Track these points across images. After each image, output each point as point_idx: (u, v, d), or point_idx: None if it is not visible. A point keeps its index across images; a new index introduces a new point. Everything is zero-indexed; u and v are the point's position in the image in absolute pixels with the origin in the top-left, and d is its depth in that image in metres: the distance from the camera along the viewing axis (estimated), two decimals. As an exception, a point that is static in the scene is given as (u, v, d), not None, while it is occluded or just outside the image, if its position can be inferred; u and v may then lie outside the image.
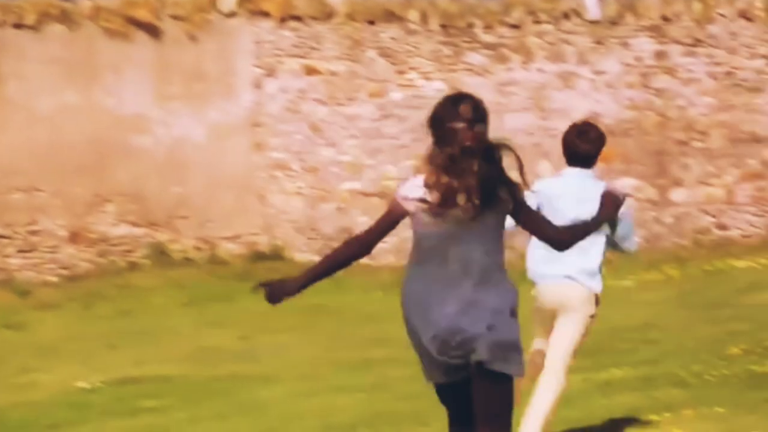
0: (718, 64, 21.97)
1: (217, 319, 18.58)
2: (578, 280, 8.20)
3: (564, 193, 7.77)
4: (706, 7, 21.75)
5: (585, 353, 14.29)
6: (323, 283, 6.79)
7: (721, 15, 21.79)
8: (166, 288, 20.34)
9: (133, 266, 21.21)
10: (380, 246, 6.65)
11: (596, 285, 8.31)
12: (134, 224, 21.43)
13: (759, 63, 22.03)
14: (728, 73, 22.03)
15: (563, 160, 9.15)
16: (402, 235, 22.50)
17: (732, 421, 9.40)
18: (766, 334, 13.72)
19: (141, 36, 21.27)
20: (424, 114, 6.63)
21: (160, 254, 21.38)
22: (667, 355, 13.50)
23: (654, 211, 22.28)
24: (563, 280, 8.16)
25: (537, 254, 8.13)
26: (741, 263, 20.11)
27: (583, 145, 8.54)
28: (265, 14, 21.56)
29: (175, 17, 21.30)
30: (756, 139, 22.34)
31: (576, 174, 8.51)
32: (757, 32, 21.92)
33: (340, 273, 6.76)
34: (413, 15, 21.32)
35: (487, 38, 21.33)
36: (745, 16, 21.85)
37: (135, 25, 21.20)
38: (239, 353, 16.35)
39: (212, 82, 21.56)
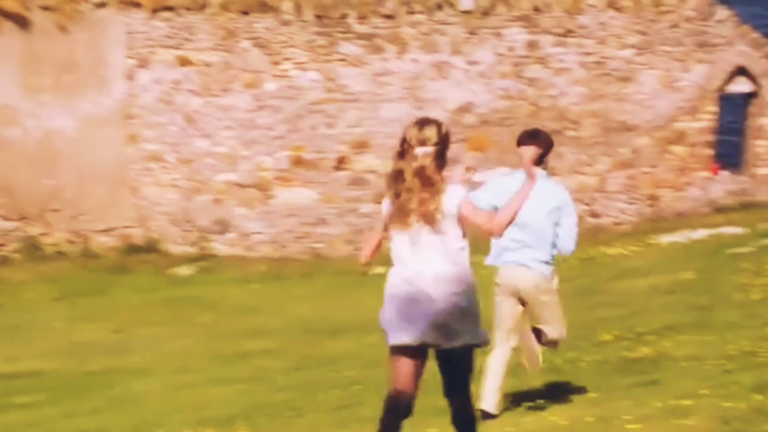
0: (588, 54, 22.27)
1: (90, 312, 18.34)
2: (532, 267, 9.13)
3: (514, 190, 7.67)
4: (576, -3, 22.07)
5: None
6: (198, 275, 6.73)
7: (591, 5, 22.09)
8: (38, 282, 20.02)
9: (3, 260, 20.84)
10: (257, 237, 6.62)
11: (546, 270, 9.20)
12: (5, 218, 21.06)
13: (628, 53, 22.38)
14: (598, 63, 22.35)
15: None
16: (279, 227, 22.37)
17: (605, 405, 9.51)
18: (637, 320, 13.96)
19: (9, 27, 20.87)
20: (298, 104, 6.62)
21: (31, 248, 21.04)
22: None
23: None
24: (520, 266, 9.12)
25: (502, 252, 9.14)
26: (613, 250, 20.42)
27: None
28: (137, 4, 21.29)
29: (45, 8, 20.95)
30: (627, 128, 22.71)
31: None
32: (625, 22, 22.26)
33: (213, 264, 6.73)
34: (287, 5, 21.24)
35: (362, 29, 21.34)
36: (613, 6, 22.17)
37: (3, 16, 20.79)
38: (113, 347, 16.15)
39: (83, 73, 21.25)
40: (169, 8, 21.30)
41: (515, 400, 10.45)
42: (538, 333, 9.32)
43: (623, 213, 23.00)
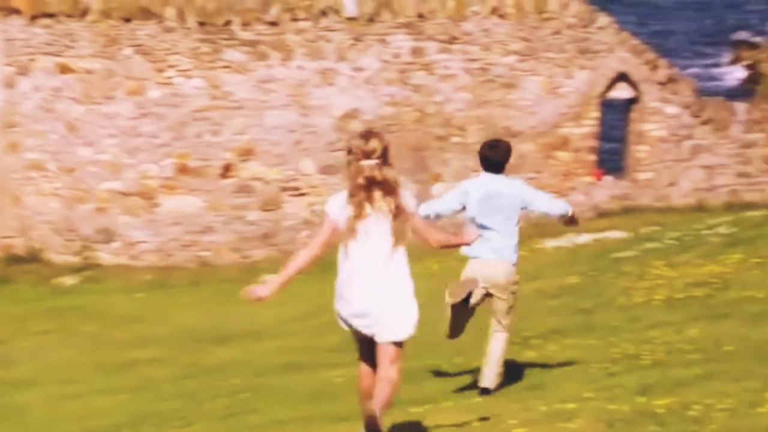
0: (473, 60, 22.42)
1: (-29, 324, 17.97)
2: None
3: (486, 194, 10.03)
4: (459, 4, 22.17)
5: (346, 348, 14.44)
6: (83, 285, 6.66)
7: (475, 12, 22.25)
8: None
9: None
10: (142, 246, 6.60)
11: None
12: None
13: (512, 59, 22.59)
14: (483, 69, 22.52)
15: (325, 155, 9.36)
16: (165, 235, 22.09)
17: (491, 409, 9.58)
18: (523, 324, 14.05)
19: None
20: (183, 111, 6.60)
21: None
22: (429, 348, 13.67)
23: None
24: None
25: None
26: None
27: (494, 155, 10.29)
28: (16, 11, 20.94)
29: None
30: (511, 134, 22.87)
31: (489, 177, 10.30)
32: (509, 29, 22.46)
33: (98, 274, 6.67)
34: (170, 12, 21.03)
35: (246, 35, 21.22)
36: (497, 13, 22.37)
37: None
38: (-5, 358, 15.86)
39: (-39, 81, 20.83)
40: (49, 15, 20.98)
41: (402, 404, 10.47)
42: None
43: (509, 218, 23.16)
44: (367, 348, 8.06)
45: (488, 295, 10.35)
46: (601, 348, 11.92)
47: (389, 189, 7.72)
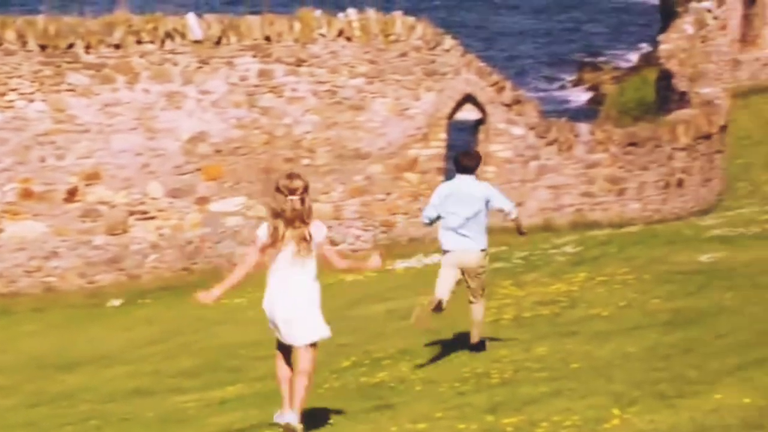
0: (321, 82, 22.45)
1: None
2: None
3: (455, 191, 12.10)
4: (306, 27, 22.18)
5: (197, 373, 14.27)
6: None
7: (322, 35, 22.29)
8: None
9: None
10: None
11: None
12: None
13: (359, 81, 22.67)
14: (331, 92, 22.55)
15: (172, 179, 9.25)
16: (8, 261, 21.45)
17: (344, 431, 9.58)
18: (374, 345, 14.09)
19: None
20: (26, 135, 6.49)
21: None
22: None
23: (264, 228, 22.49)
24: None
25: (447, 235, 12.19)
26: (350, 277, 20.57)
27: (465, 161, 12.30)
28: None
29: None
30: (360, 156, 22.99)
31: (462, 178, 12.24)
32: (356, 51, 22.55)
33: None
34: (10, 35, 20.56)
35: (89, 58, 20.88)
36: (344, 35, 22.44)
37: None
38: None
39: None
40: None
41: (252, 427, 10.39)
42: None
43: (359, 240, 23.27)
44: (285, 348, 9.72)
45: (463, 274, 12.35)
46: (452, 367, 11.99)
47: (305, 219, 9.41)
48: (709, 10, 35.73)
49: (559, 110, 40.61)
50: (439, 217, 12.19)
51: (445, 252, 12.32)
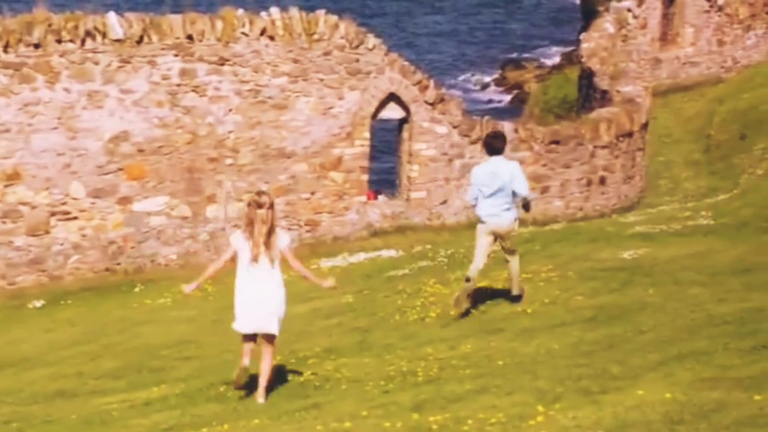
0: (244, 81, 22.35)
1: None
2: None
3: (488, 170, 13.86)
4: (228, 26, 22.07)
5: (120, 374, 14.15)
6: None
7: (244, 34, 22.18)
8: None
9: None
10: None
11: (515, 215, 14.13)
12: None
13: (282, 80, 22.60)
14: (254, 91, 22.46)
15: (94, 179, 9.18)
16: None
17: (267, 431, 9.54)
18: (300, 344, 14.07)
19: None
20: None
21: None
22: (205, 370, 13.55)
23: (188, 228, 22.38)
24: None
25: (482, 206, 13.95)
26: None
27: (495, 143, 14.04)
28: None
29: None
30: (284, 155, 22.92)
31: (494, 159, 13.96)
32: (279, 50, 22.48)
33: None
34: (-72, 33, 20.24)
35: (8, 57, 20.59)
36: (267, 34, 22.36)
37: None
38: None
39: None
40: None
41: (176, 427, 10.32)
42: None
43: (283, 239, 23.17)
44: (250, 337, 11.51)
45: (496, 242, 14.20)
46: (377, 366, 12.00)
47: (271, 229, 11.23)
48: (629, 10, 36.08)
49: (482, 109, 40.80)
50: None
51: (481, 222, 14.09)
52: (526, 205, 14.25)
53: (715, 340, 10.67)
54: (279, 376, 12.21)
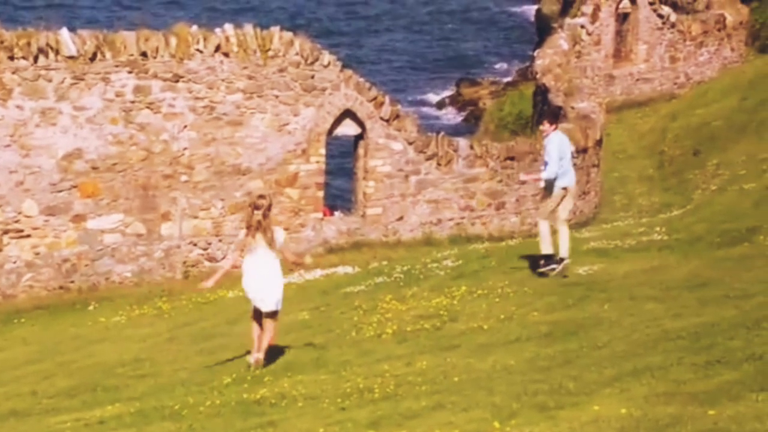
0: (198, 98, 22.28)
1: None
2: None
3: (559, 144, 16.55)
4: (183, 42, 22.01)
5: (74, 393, 14.03)
6: None
7: (199, 51, 22.13)
8: None
9: None
10: None
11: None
12: None
13: (238, 97, 22.56)
14: (209, 108, 22.40)
15: (48, 196, 9.00)
16: None
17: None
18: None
19: None
20: None
21: None
22: (159, 389, 13.45)
23: (143, 245, 22.25)
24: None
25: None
26: (231, 293, 20.46)
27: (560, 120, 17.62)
28: None
29: None
30: (240, 172, 22.87)
31: (558, 133, 16.73)
32: (233, 67, 22.44)
33: None
34: None
35: (-39, 74, 20.46)
36: (221, 51, 22.31)
37: None
38: None
39: None
40: None
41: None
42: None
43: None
44: (258, 313, 13.49)
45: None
46: (333, 383, 11.95)
47: (267, 227, 13.28)
48: (583, 26, 36.32)
49: (437, 125, 40.90)
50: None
51: (561, 188, 16.51)
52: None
53: (670, 355, 10.70)
54: (235, 393, 12.16)
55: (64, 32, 21.26)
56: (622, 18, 37.30)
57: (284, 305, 13.96)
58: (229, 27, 22.71)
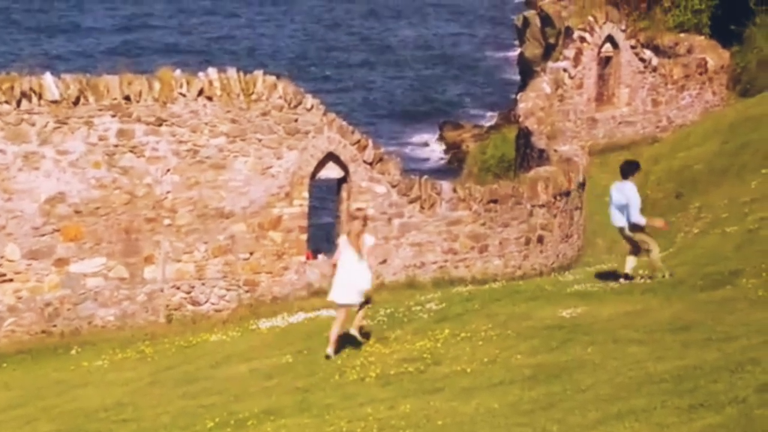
0: (182, 142, 22.29)
1: None
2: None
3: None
4: (166, 86, 22.04)
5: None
6: None
7: (182, 94, 22.16)
8: None
9: None
10: None
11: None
12: None
13: (221, 140, 22.57)
14: (192, 151, 22.41)
15: (30, 240, 8.94)
16: None
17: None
18: (239, 405, 13.97)
19: None
20: None
21: None
22: (142, 434, 13.39)
23: (126, 289, 22.19)
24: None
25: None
26: (214, 337, 20.43)
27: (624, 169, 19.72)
28: None
29: None
30: (223, 215, 22.85)
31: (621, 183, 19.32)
32: (217, 111, 22.46)
33: None
34: None
35: (-56, 118, 20.45)
36: (205, 95, 22.34)
37: None
38: None
39: None
40: None
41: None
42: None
43: (222, 299, 23.08)
44: (341, 312, 16.58)
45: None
46: (317, 426, 11.93)
47: (360, 234, 16.33)
48: (565, 70, 36.49)
49: (421, 168, 40.98)
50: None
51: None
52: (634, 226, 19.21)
53: (653, 398, 10.70)
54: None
55: (48, 76, 21.28)
56: (605, 62, 37.50)
57: (266, 350, 13.93)
58: (212, 71, 22.76)
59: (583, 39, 36.86)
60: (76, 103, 21.32)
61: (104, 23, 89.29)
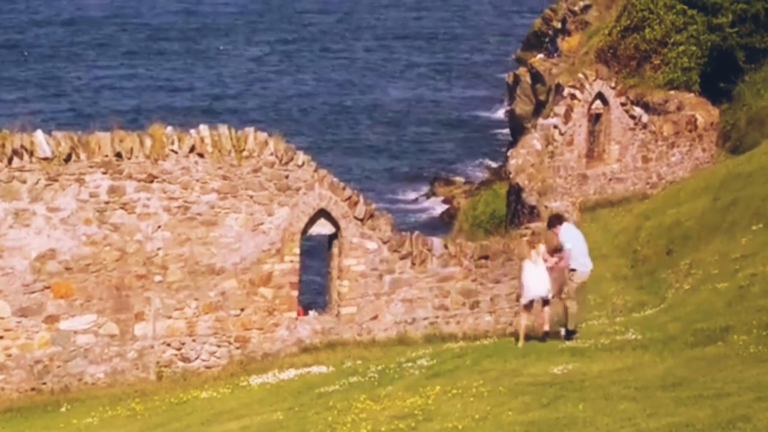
0: (173, 198, 22.31)
1: None
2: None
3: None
4: (157, 143, 22.10)
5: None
6: None
7: (173, 151, 22.20)
8: None
9: None
10: None
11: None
12: None
13: (212, 197, 22.60)
14: (183, 208, 22.42)
15: (20, 297, 8.84)
16: None
17: None
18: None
19: None
20: None
21: None
22: None
23: (116, 346, 22.12)
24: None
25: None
26: (205, 394, 20.35)
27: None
28: None
29: None
30: (214, 272, 22.83)
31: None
32: (208, 167, 22.51)
33: None
34: None
35: (-65, 175, 20.47)
36: (196, 151, 22.39)
37: None
38: None
39: None
40: None
41: None
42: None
43: (213, 356, 23.01)
44: (529, 306, 20.96)
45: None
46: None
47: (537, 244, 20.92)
48: (556, 126, 36.68)
49: (412, 224, 41.04)
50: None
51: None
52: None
53: (645, 454, 10.67)
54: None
55: (39, 134, 21.33)
56: (595, 118, 37.70)
57: (257, 407, 13.84)
58: (203, 127, 22.83)
59: (573, 96, 37.09)
60: (67, 160, 21.36)
61: (97, 81, 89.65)
